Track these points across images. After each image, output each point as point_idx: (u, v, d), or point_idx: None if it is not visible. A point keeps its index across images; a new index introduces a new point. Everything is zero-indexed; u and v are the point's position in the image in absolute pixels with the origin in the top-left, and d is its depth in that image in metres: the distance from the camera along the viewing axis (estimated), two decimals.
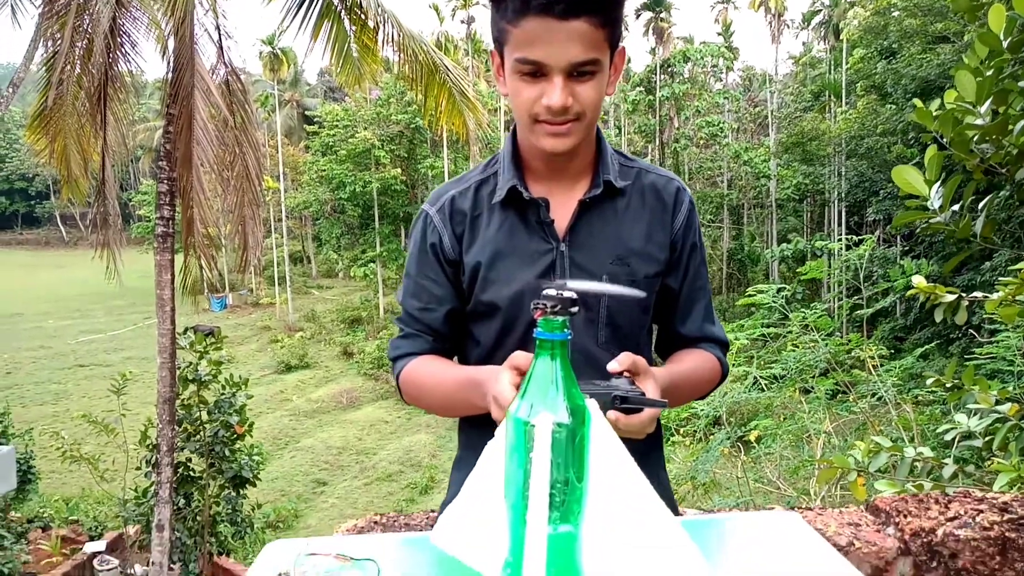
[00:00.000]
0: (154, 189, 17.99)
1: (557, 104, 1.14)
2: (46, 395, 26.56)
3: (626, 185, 1.33)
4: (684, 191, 1.38)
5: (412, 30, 8.93)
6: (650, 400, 1.05)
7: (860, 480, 2.79)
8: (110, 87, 8.31)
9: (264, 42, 40.35)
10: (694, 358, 1.38)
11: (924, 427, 5.13)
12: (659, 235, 1.34)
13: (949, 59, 17.81)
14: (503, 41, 1.18)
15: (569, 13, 1.09)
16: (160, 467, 8.43)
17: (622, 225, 1.32)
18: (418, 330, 1.37)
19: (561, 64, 1.12)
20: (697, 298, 1.42)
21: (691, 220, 1.38)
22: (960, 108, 2.48)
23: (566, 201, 1.30)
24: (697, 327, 1.42)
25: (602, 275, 1.28)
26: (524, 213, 1.30)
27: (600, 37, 1.13)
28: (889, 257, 22.75)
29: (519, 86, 1.17)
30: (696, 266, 1.41)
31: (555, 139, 1.20)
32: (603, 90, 1.19)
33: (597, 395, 1.01)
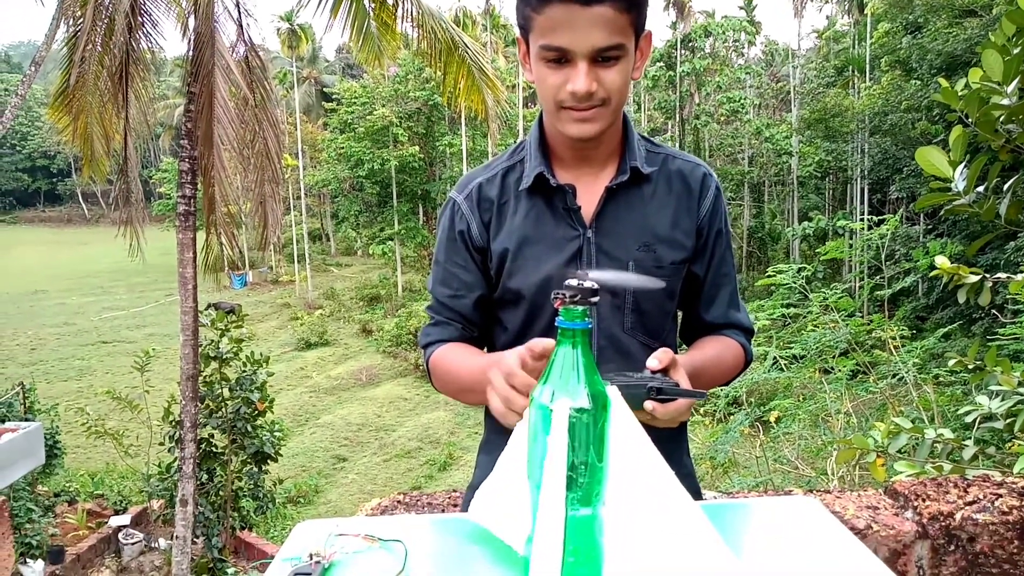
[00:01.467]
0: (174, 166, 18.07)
1: (582, 89, 1.15)
2: (70, 371, 26.96)
3: (653, 171, 1.33)
4: (711, 177, 1.38)
5: (431, 7, 8.89)
6: (687, 391, 1.08)
7: (879, 461, 2.79)
8: (131, 66, 8.35)
9: (282, 18, 40.25)
10: (718, 345, 1.39)
11: (945, 408, 5.11)
12: (685, 222, 1.34)
13: (976, 33, 17.46)
14: (528, 28, 1.18)
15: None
16: (183, 443, 8.57)
17: (648, 211, 1.32)
18: (448, 318, 1.38)
19: (585, 49, 1.13)
20: (722, 284, 1.43)
21: (717, 206, 1.38)
22: (986, 88, 2.45)
23: (593, 187, 1.31)
24: (722, 313, 1.43)
25: (628, 261, 1.29)
26: (551, 200, 1.31)
27: (624, 22, 1.13)
28: (912, 236, 22.48)
29: (544, 72, 1.18)
30: (722, 252, 1.41)
31: (581, 125, 1.21)
32: (628, 75, 1.19)
33: (634, 386, 1.03)
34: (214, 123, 7.80)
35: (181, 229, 8.53)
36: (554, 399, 0.86)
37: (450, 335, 1.38)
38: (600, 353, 1.29)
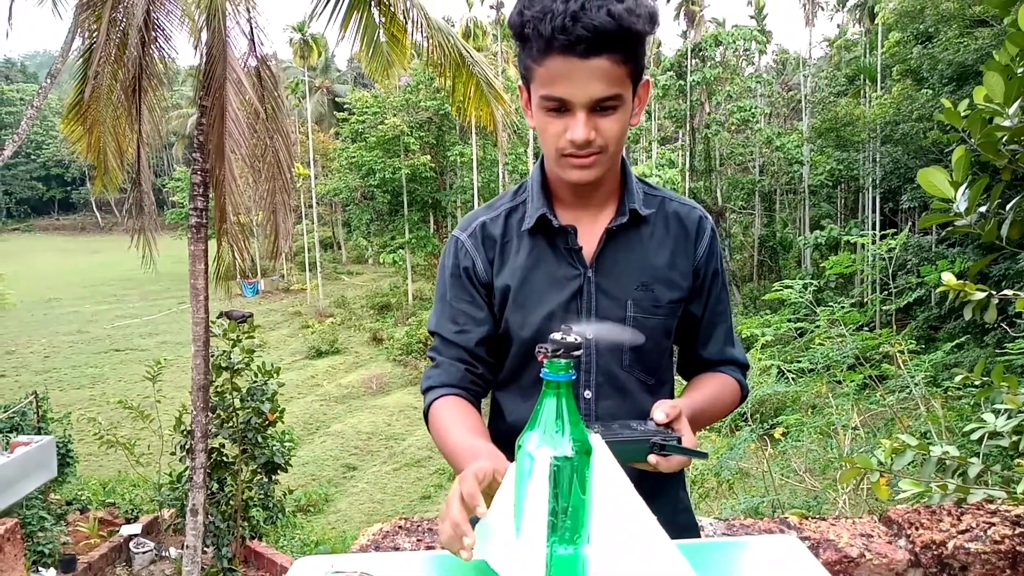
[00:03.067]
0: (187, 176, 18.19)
1: (580, 138, 1.19)
2: (83, 379, 27.13)
3: (650, 213, 1.37)
4: (706, 219, 1.43)
5: (440, 21, 8.95)
6: (689, 450, 1.14)
7: (883, 480, 2.79)
8: (144, 79, 8.44)
9: (295, 29, 40.54)
10: (716, 383, 1.44)
11: (953, 424, 5.09)
12: (682, 262, 1.39)
13: (987, 43, 17.40)
14: (529, 78, 1.23)
15: (591, 52, 1.13)
16: (194, 452, 8.62)
17: (647, 252, 1.36)
18: (452, 357, 1.38)
19: (583, 100, 1.17)
20: (718, 322, 1.47)
21: (713, 247, 1.43)
22: (988, 109, 2.46)
23: (593, 228, 1.35)
24: (718, 350, 1.47)
25: (627, 300, 1.34)
26: (553, 240, 1.35)
27: (622, 73, 1.18)
28: (924, 246, 22.37)
29: (545, 121, 1.23)
30: (718, 292, 1.45)
31: (580, 171, 1.25)
32: (626, 122, 1.24)
33: (639, 440, 1.11)
34: (225, 136, 7.87)
35: (193, 241, 8.60)
36: (538, 447, 0.90)
37: (452, 378, 1.37)
38: (598, 390, 1.34)
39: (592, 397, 1.34)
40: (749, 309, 28.17)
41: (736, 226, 38.46)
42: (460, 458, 1.19)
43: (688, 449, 1.13)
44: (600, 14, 1.11)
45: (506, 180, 35.74)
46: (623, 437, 1.12)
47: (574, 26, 1.11)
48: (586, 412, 1.33)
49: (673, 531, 1.12)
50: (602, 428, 1.12)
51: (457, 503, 0.97)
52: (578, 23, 1.11)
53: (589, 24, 1.11)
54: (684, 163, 35.95)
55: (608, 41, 1.13)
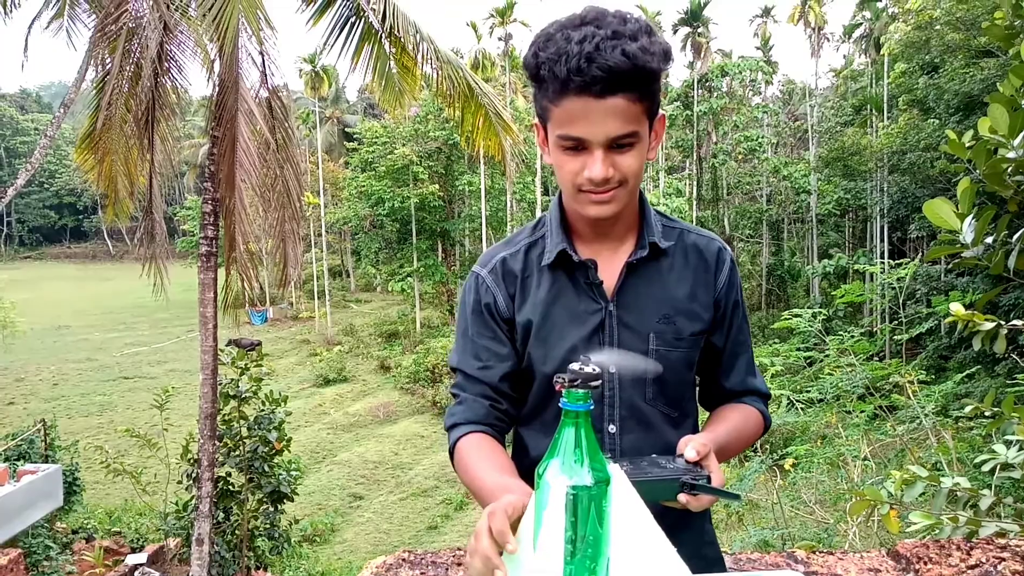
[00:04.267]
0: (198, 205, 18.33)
1: (598, 176, 1.21)
2: (91, 407, 27.15)
3: (670, 246, 1.38)
4: (725, 251, 1.44)
5: (449, 53, 9.07)
6: (719, 491, 1.14)
7: (893, 513, 2.77)
8: (157, 110, 8.55)
9: (306, 60, 41.07)
10: (739, 415, 1.44)
11: (964, 455, 5.04)
12: (703, 294, 1.39)
13: (993, 74, 17.48)
14: (546, 118, 1.24)
15: (606, 92, 1.14)
16: (201, 481, 8.59)
17: (667, 285, 1.37)
18: (475, 394, 1.38)
19: (600, 139, 1.18)
20: (740, 353, 1.48)
21: (733, 278, 1.43)
22: (993, 140, 2.47)
23: (612, 262, 1.36)
24: (740, 381, 1.48)
25: (649, 333, 1.34)
26: (573, 275, 1.36)
27: (638, 111, 1.19)
28: (933, 275, 22.29)
29: (563, 159, 1.24)
30: (739, 323, 1.46)
31: (599, 207, 1.26)
32: (643, 157, 1.25)
33: (669, 479, 1.12)
34: (236, 166, 7.95)
35: (203, 269, 8.66)
36: (557, 476, 0.91)
37: (477, 414, 1.37)
38: (623, 424, 1.35)
39: (616, 431, 1.35)
40: (758, 338, 28.05)
41: (744, 255, 38.46)
42: (489, 496, 1.18)
43: (718, 490, 1.14)
44: (615, 54, 1.12)
45: (514, 209, 35.89)
46: (652, 476, 1.12)
47: (589, 67, 1.12)
48: (611, 446, 1.34)
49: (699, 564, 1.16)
50: (630, 466, 1.12)
51: (487, 538, 0.96)
52: (593, 64, 1.12)
53: (604, 64, 1.12)
54: (691, 192, 36.08)
55: (623, 80, 1.14)
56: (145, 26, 8.10)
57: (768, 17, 45.11)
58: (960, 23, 18.14)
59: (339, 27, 9.03)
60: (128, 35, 8.11)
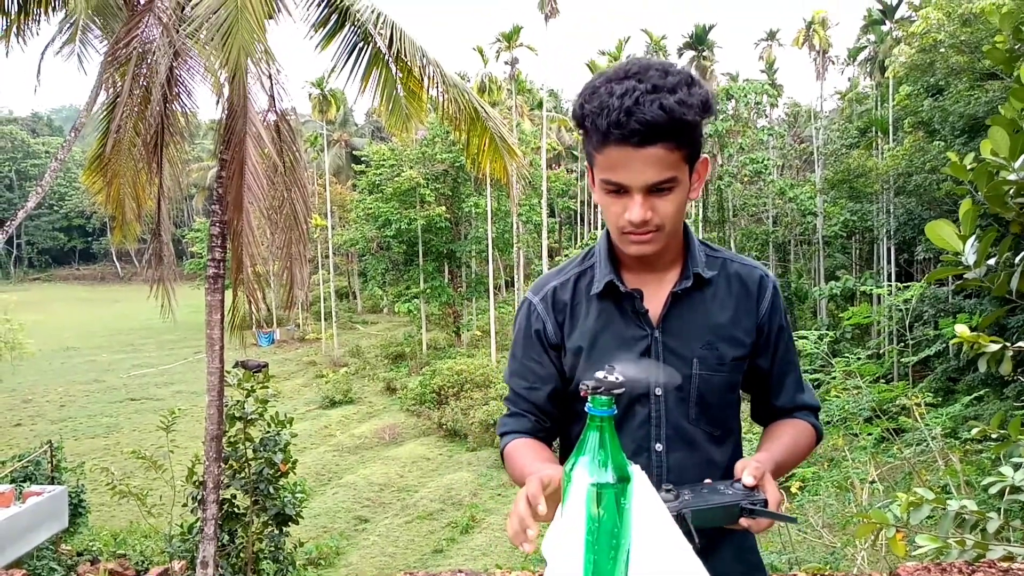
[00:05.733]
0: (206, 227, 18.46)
1: (637, 219, 1.29)
2: (98, 428, 27.17)
3: (713, 275, 1.46)
4: (767, 278, 1.52)
5: (455, 76, 9.15)
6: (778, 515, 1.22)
7: (899, 536, 2.75)
8: (166, 133, 8.64)
9: (314, 84, 41.45)
10: (792, 430, 1.52)
11: (972, 478, 5.00)
12: (745, 320, 1.47)
13: (998, 96, 17.53)
14: (592, 163, 1.33)
15: (645, 143, 1.21)
16: (206, 504, 8.57)
17: (710, 312, 1.45)
18: (523, 409, 1.51)
19: (639, 185, 1.26)
20: (788, 372, 1.55)
21: (776, 304, 1.51)
22: (994, 162, 2.48)
23: (658, 291, 1.45)
24: (790, 399, 1.56)
25: (692, 359, 1.42)
26: (620, 303, 1.45)
27: (676, 158, 1.26)
28: (940, 297, 22.21)
29: (606, 201, 1.33)
30: (785, 345, 1.54)
31: (639, 246, 1.35)
32: (683, 201, 1.32)
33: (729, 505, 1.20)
34: (244, 188, 8.01)
35: (210, 291, 8.69)
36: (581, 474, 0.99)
37: (524, 426, 1.51)
38: (669, 443, 1.42)
39: (663, 449, 1.42)
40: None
41: None
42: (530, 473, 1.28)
43: (776, 513, 1.21)
44: (653, 108, 1.19)
45: (520, 231, 35.94)
46: (714, 503, 1.20)
47: (628, 120, 1.19)
48: (657, 464, 1.42)
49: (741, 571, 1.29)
50: (692, 494, 1.21)
51: (523, 501, 1.09)
52: (632, 118, 1.19)
53: (642, 119, 1.19)
54: (698, 214, 36.09)
55: (661, 132, 1.21)
56: (155, 51, 8.21)
57: (773, 40, 45.37)
58: (964, 46, 18.22)
59: (347, 52, 9.13)
60: (138, 59, 8.20)
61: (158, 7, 8.22)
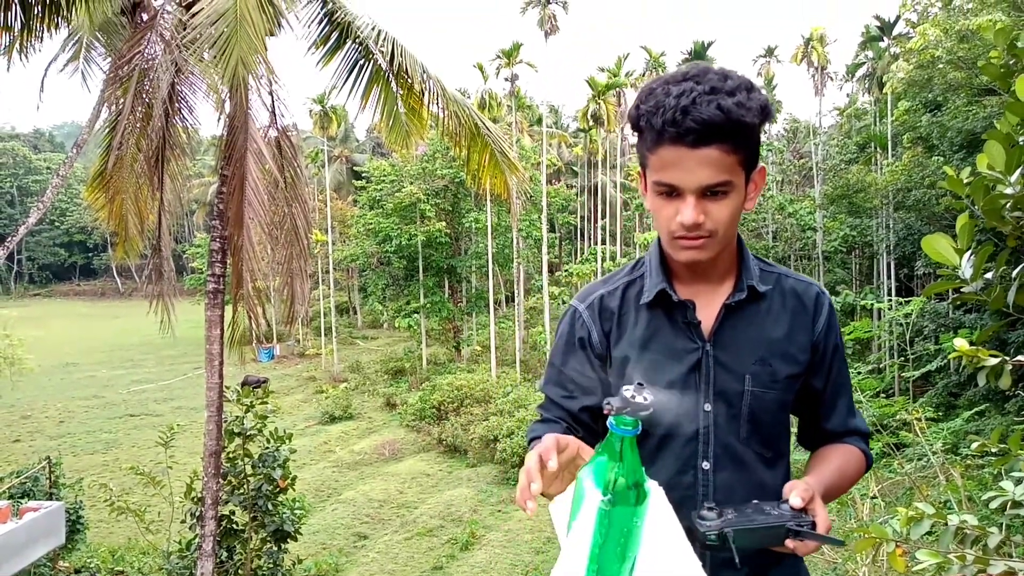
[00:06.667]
0: (207, 242, 18.54)
1: (689, 221, 1.24)
2: (97, 444, 27.09)
3: (767, 290, 1.41)
4: (824, 295, 1.47)
5: (455, 92, 9.19)
6: (825, 538, 1.18)
7: (899, 551, 2.73)
8: (168, 149, 8.68)
9: (315, 101, 41.65)
10: (842, 455, 1.47)
11: (974, 493, 4.98)
12: (800, 338, 1.42)
13: (996, 111, 17.59)
14: (645, 165, 1.30)
15: (700, 142, 1.19)
16: (204, 520, 8.54)
17: (764, 328, 1.40)
18: (557, 416, 1.45)
19: (692, 186, 1.23)
20: (840, 394, 1.50)
21: (832, 323, 1.46)
22: (991, 176, 2.49)
23: (710, 303, 1.40)
24: (841, 422, 1.50)
25: (744, 374, 1.37)
26: (671, 314, 1.40)
27: (732, 161, 1.23)
28: (940, 311, 22.20)
29: (658, 204, 1.29)
30: (839, 365, 1.49)
31: (690, 252, 1.30)
32: (737, 208, 1.28)
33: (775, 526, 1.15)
34: (245, 204, 8.03)
35: (210, 307, 8.69)
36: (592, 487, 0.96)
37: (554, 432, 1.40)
38: (716, 462, 1.37)
39: (710, 468, 1.36)
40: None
41: None
42: None
43: (823, 536, 1.17)
44: (710, 108, 1.17)
45: (520, 246, 35.98)
46: (759, 523, 1.15)
47: (684, 119, 1.17)
48: (704, 483, 1.36)
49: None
50: (736, 514, 1.16)
51: (535, 455, 1.06)
52: (687, 116, 1.17)
53: (698, 117, 1.17)
54: None
55: (717, 132, 1.18)
56: (157, 67, 8.27)
57: (771, 57, 45.61)
58: (962, 62, 18.32)
59: (348, 69, 9.18)
60: (140, 76, 8.26)
61: (160, 24, 8.28)
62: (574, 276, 38.31)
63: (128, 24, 9.14)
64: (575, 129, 53.50)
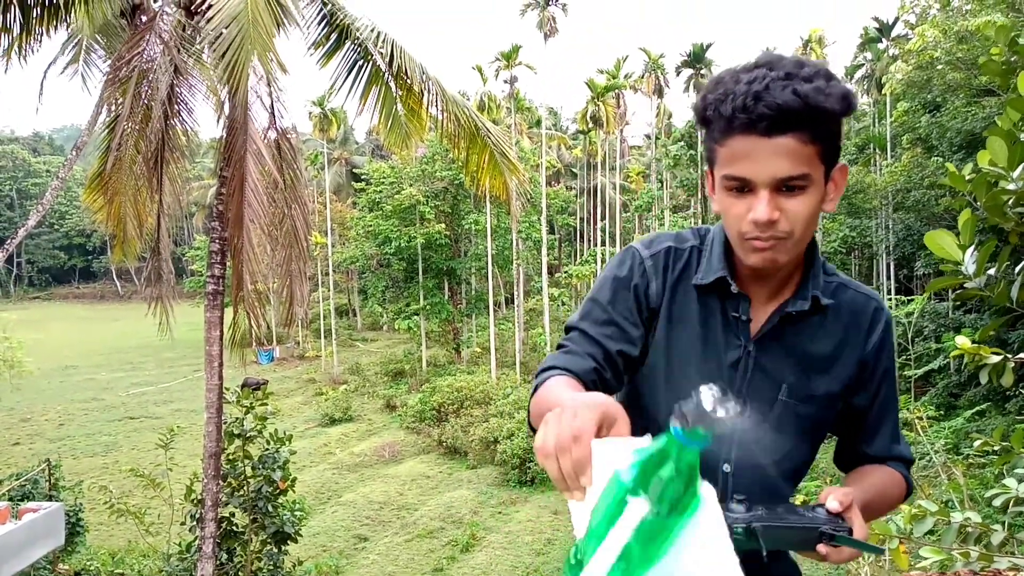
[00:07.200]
0: (207, 244, 18.58)
1: (763, 218, 1.13)
2: (96, 447, 27.06)
3: (829, 303, 1.30)
4: (882, 311, 1.36)
5: (454, 94, 9.19)
6: (861, 544, 1.09)
7: (902, 547, 2.72)
8: (167, 151, 8.68)
9: (315, 103, 41.66)
10: (883, 476, 1.38)
11: (976, 492, 4.96)
12: (849, 355, 1.33)
13: (995, 111, 17.61)
14: (713, 160, 1.20)
15: (774, 130, 1.09)
16: (204, 522, 8.52)
17: (814, 339, 1.31)
18: (588, 352, 1.27)
19: (766, 179, 1.12)
20: (886, 417, 1.40)
21: (886, 342, 1.36)
22: (993, 172, 2.48)
23: (766, 304, 1.31)
24: (884, 447, 1.40)
25: (783, 383, 1.29)
26: (724, 303, 1.30)
27: (810, 152, 1.12)
28: (940, 312, 22.20)
29: (728, 202, 1.18)
30: (888, 387, 1.39)
31: (761, 254, 1.18)
32: (816, 206, 1.17)
33: (808, 528, 1.07)
34: (244, 206, 8.02)
35: (209, 308, 8.68)
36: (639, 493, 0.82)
37: (576, 366, 1.24)
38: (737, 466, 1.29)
39: (730, 471, 1.29)
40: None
41: None
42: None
43: (861, 543, 1.08)
44: (785, 93, 1.08)
45: (519, 248, 35.99)
46: (791, 523, 1.08)
47: (756, 105, 1.08)
48: (723, 486, 1.28)
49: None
50: (766, 511, 1.09)
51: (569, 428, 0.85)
52: (760, 102, 1.08)
53: (772, 103, 1.08)
54: None
55: (793, 119, 1.09)
56: (156, 69, 8.26)
57: None
58: (961, 63, 18.33)
59: (347, 70, 9.18)
60: (139, 77, 8.26)
61: (159, 26, 8.28)
62: (574, 278, 38.33)
63: (128, 26, 9.14)
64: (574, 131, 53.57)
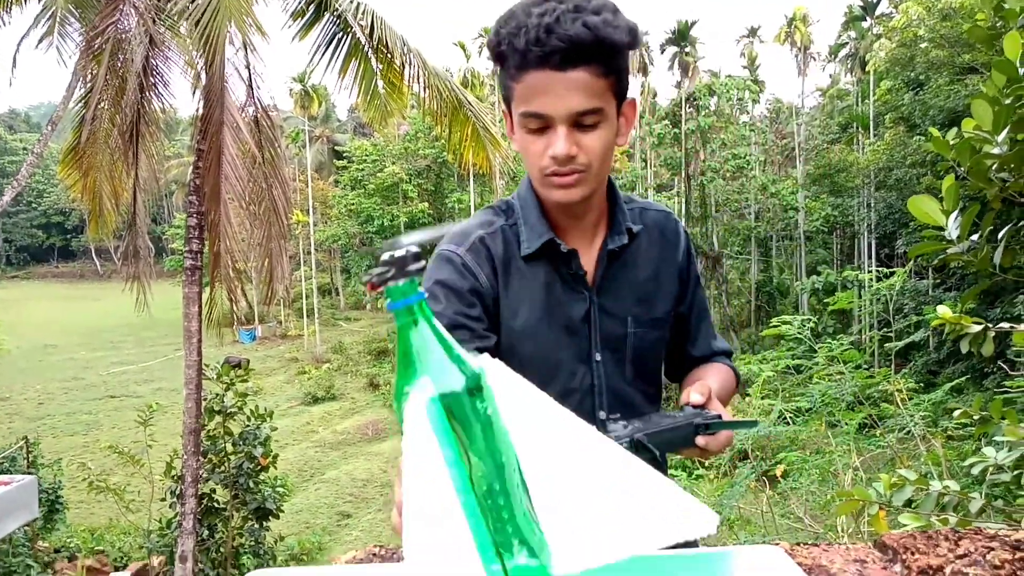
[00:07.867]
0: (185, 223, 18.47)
1: (562, 153, 1.16)
2: (77, 426, 26.89)
3: (639, 229, 1.37)
4: (678, 222, 1.46)
5: (437, 67, 9.08)
6: (736, 422, 1.16)
7: (882, 514, 2.73)
8: (142, 124, 8.52)
9: (295, 79, 41.19)
10: (717, 372, 1.45)
11: (954, 462, 5.02)
12: (669, 270, 1.40)
13: (977, 90, 17.69)
14: (510, 98, 1.21)
15: (567, 63, 1.11)
16: (184, 498, 8.48)
17: (639, 268, 1.37)
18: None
19: (562, 113, 1.14)
20: (703, 318, 1.50)
21: (690, 249, 1.45)
22: (977, 137, 2.46)
23: (589, 250, 1.34)
24: (707, 346, 1.50)
25: (626, 317, 1.34)
26: (556, 265, 1.31)
27: (603, 86, 1.15)
28: (920, 289, 22.40)
29: (527, 140, 1.20)
30: (700, 290, 1.49)
31: (564, 191, 1.21)
32: (610, 140, 1.21)
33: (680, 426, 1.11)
34: (221, 179, 7.91)
35: (187, 283, 8.59)
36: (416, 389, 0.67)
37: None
38: (610, 409, 1.33)
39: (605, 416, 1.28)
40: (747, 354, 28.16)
41: (733, 271, 38.61)
42: None
43: (735, 421, 1.14)
44: (576, 25, 1.09)
45: None
46: (667, 426, 1.12)
47: (548, 38, 1.09)
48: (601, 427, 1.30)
49: None
50: (641, 423, 1.11)
51: None
52: (552, 35, 1.09)
53: (564, 35, 1.09)
54: (680, 209, 36.21)
55: (585, 52, 1.10)
56: (131, 39, 8.09)
57: (754, 37, 45.63)
58: (944, 40, 18.37)
59: (326, 42, 9.03)
60: (114, 48, 8.09)
61: None
62: None
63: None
64: None
